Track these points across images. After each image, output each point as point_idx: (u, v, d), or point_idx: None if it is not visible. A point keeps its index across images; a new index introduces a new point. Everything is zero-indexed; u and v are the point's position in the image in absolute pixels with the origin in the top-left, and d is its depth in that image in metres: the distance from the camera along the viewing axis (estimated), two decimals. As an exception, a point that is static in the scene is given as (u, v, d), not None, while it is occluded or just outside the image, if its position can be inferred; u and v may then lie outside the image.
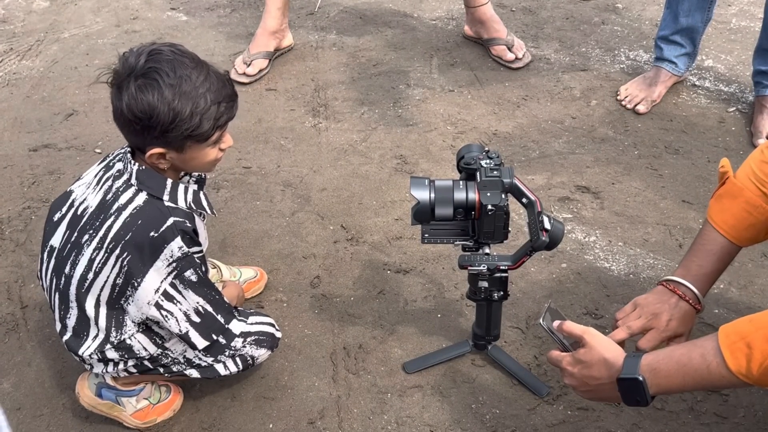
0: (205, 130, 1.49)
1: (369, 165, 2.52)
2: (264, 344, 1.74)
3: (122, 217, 1.53)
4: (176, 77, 1.45)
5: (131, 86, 1.44)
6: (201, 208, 1.62)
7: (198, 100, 1.46)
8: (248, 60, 2.95)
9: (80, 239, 1.58)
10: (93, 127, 2.76)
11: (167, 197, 1.55)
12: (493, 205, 1.52)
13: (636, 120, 2.64)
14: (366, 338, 1.95)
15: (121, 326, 1.61)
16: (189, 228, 1.55)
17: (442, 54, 3.07)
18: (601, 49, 3.03)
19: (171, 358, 1.69)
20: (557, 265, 2.13)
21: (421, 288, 2.08)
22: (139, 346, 1.64)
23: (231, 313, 1.68)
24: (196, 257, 1.57)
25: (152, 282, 1.54)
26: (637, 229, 2.23)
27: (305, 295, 2.08)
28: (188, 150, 1.52)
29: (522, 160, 2.51)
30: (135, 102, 1.44)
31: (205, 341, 1.63)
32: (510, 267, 1.63)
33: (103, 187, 1.58)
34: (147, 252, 1.52)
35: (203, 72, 1.49)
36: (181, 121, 1.46)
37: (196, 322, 1.61)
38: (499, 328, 1.81)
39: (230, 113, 1.55)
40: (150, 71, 1.44)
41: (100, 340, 1.63)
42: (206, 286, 1.61)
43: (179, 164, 1.56)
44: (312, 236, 2.26)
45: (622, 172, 2.44)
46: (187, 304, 1.58)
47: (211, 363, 1.70)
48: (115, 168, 1.59)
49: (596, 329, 1.92)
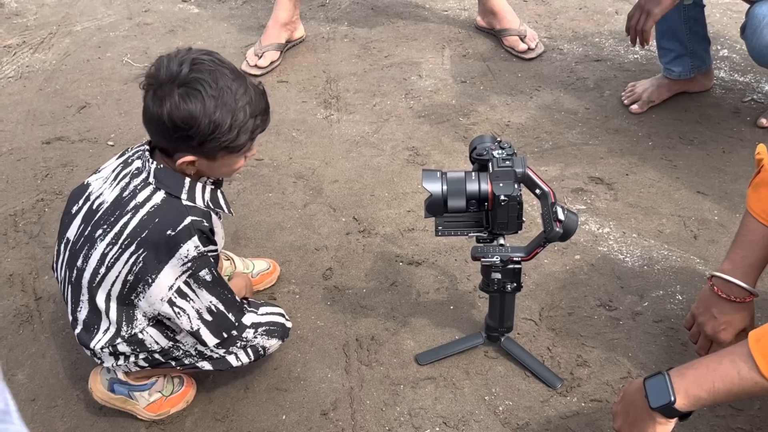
0: (242, 142, 1.51)
1: (381, 157, 2.52)
2: (275, 334, 1.75)
3: (139, 214, 1.54)
4: (218, 89, 1.45)
5: (174, 95, 1.43)
6: (218, 207, 1.62)
7: (237, 113, 1.47)
8: (260, 52, 2.95)
9: (94, 233, 1.59)
10: (106, 119, 2.77)
11: (185, 196, 1.56)
12: (506, 195, 1.51)
13: (650, 111, 2.61)
14: (378, 330, 1.95)
15: (132, 320, 1.62)
16: (206, 227, 1.56)
17: (454, 45, 3.05)
18: (614, 39, 3.01)
19: (182, 351, 1.69)
20: (571, 257, 2.12)
21: (434, 280, 2.07)
22: (151, 339, 1.64)
23: (242, 311, 1.69)
24: (210, 256, 1.58)
25: (166, 279, 1.54)
26: (652, 220, 2.22)
27: (317, 286, 2.08)
28: (219, 159, 1.53)
29: (535, 151, 2.49)
30: (177, 111, 1.43)
31: (216, 339, 1.64)
32: (523, 258, 1.62)
33: (120, 184, 1.59)
34: (163, 250, 1.53)
35: (243, 84, 1.50)
36: (220, 134, 1.46)
37: (208, 320, 1.61)
38: (512, 319, 1.81)
39: (264, 126, 1.56)
40: (193, 81, 1.44)
41: (111, 333, 1.63)
42: (220, 285, 1.61)
43: (205, 171, 1.58)
44: (324, 228, 2.26)
45: (636, 163, 2.42)
46: (200, 302, 1.59)
47: (223, 354, 1.70)
48: (134, 165, 1.60)
49: (609, 320, 1.92)
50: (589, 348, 1.88)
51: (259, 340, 1.72)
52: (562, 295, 2.01)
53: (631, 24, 2.27)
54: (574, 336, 1.91)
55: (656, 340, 1.89)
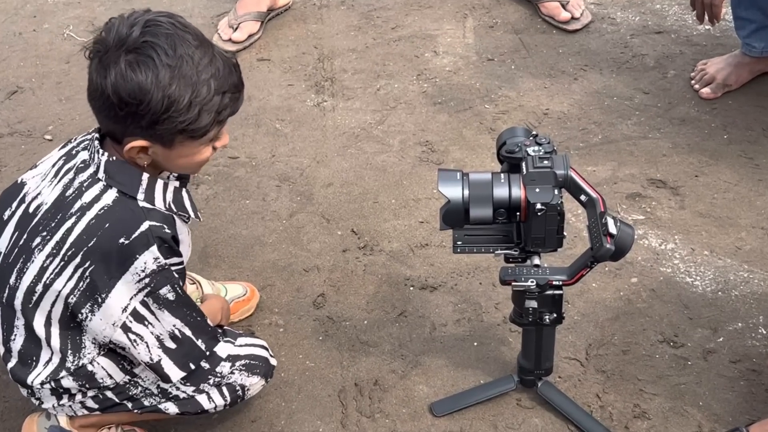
0: (204, 124, 1.50)
1: (387, 154, 2.52)
2: (256, 371, 1.75)
3: (86, 218, 1.54)
4: (176, 57, 1.46)
5: (121, 62, 1.44)
6: (183, 210, 1.63)
7: (199, 87, 1.47)
8: (235, 23, 2.95)
9: (30, 243, 1.59)
10: (42, 107, 2.78)
11: (142, 196, 1.56)
12: (543, 203, 1.51)
13: (726, 96, 2.62)
14: (383, 372, 1.95)
15: (80, 348, 1.62)
16: (168, 234, 1.56)
17: (478, 13, 3.06)
18: (680, 5, 3.01)
19: (141, 388, 1.69)
20: (626, 280, 2.12)
21: (453, 309, 2.08)
22: (103, 372, 1.65)
23: (215, 337, 1.69)
24: (174, 270, 1.58)
25: (119, 299, 1.54)
26: (728, 233, 2.22)
27: (307, 317, 2.08)
28: (177, 146, 1.53)
29: (580, 146, 2.50)
30: (123, 82, 1.44)
31: (181, 372, 1.64)
32: (565, 282, 1.62)
33: (62, 181, 1.59)
34: (114, 262, 1.53)
35: (208, 53, 1.50)
36: (177, 112, 1.47)
37: (171, 348, 1.61)
38: (551, 359, 1.80)
39: (234, 106, 1.56)
40: (145, 46, 1.45)
41: (54, 365, 1.63)
42: (185, 305, 1.62)
43: (162, 162, 1.58)
44: (315, 244, 2.27)
45: (707, 162, 2.42)
46: (160, 326, 1.59)
47: (192, 394, 1.70)
48: (79, 158, 1.60)
49: (675, 360, 1.91)
50: (649, 395, 1.87)
51: (237, 376, 1.72)
52: (615, 329, 2.01)
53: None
54: (630, 380, 1.90)
55: (734, 385, 1.88)
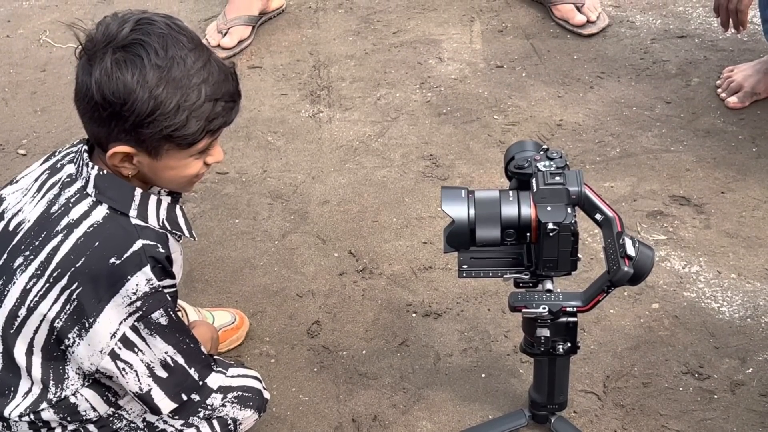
0: (192, 131, 1.51)
1: (387, 169, 2.52)
2: (249, 403, 1.75)
3: (73, 236, 1.55)
4: (166, 58, 1.48)
5: (107, 59, 1.46)
6: (177, 228, 1.64)
7: (189, 91, 1.49)
8: (224, 27, 2.97)
9: (11, 263, 1.59)
10: (16, 119, 2.79)
11: (135, 212, 1.57)
12: (556, 223, 1.51)
13: (754, 105, 2.62)
14: (383, 407, 1.95)
15: (63, 379, 1.62)
16: (162, 254, 1.57)
17: (486, 16, 3.07)
18: (705, 7, 3.02)
19: (126, 422, 1.69)
20: (646, 306, 2.11)
21: (459, 337, 2.07)
22: (86, 405, 1.65)
23: (208, 366, 1.69)
24: (167, 293, 1.59)
25: (108, 324, 1.55)
26: (757, 255, 2.21)
27: (300, 347, 2.08)
28: (164, 156, 1.54)
29: (597, 161, 2.50)
30: (108, 80, 1.46)
31: (172, 403, 1.64)
32: (580, 309, 1.62)
33: (46, 196, 1.60)
34: (104, 284, 1.53)
35: (202, 57, 1.53)
36: (162, 115, 1.48)
37: (162, 377, 1.61)
38: (565, 392, 1.80)
39: (228, 117, 1.57)
40: (134, 44, 1.47)
41: (34, 396, 1.63)
42: (178, 331, 1.62)
43: (148, 174, 1.58)
44: (310, 266, 2.26)
45: (735, 177, 2.42)
46: (151, 354, 1.59)
47: (181, 428, 1.70)
48: (65, 171, 1.61)
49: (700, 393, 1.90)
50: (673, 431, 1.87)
51: (229, 409, 1.72)
52: (635, 359, 2.00)
53: (721, 1, 2.26)
54: (651, 415, 1.90)
55: (764, 420, 1.87)
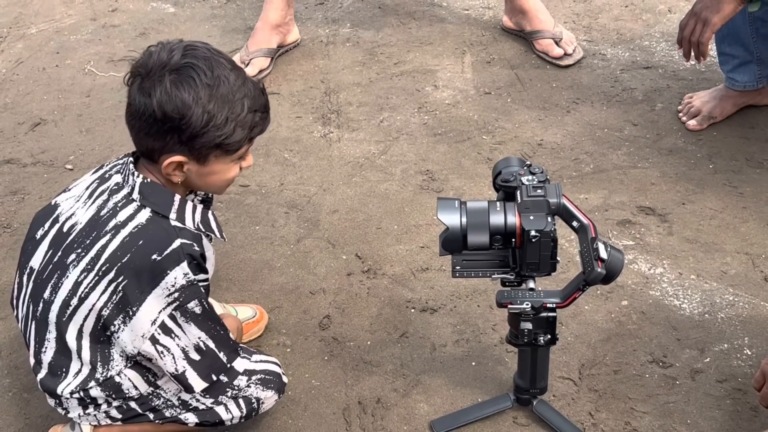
0: (238, 139, 1.56)
1: (389, 182, 2.53)
2: (270, 385, 1.77)
3: (120, 236, 1.57)
4: (213, 77, 1.52)
5: (165, 81, 1.50)
6: (209, 230, 1.67)
7: (234, 105, 1.54)
8: (247, 59, 2.97)
9: (65, 259, 1.61)
10: (64, 138, 2.79)
11: (174, 215, 1.60)
12: (538, 230, 1.52)
13: (711, 127, 2.62)
14: (385, 391, 1.95)
15: (108, 361, 1.64)
16: (197, 252, 1.60)
17: (476, 49, 3.08)
18: (667, 42, 3.02)
19: (163, 399, 1.70)
20: (616, 303, 2.11)
21: (452, 330, 2.07)
22: (129, 384, 1.66)
23: (236, 351, 1.71)
24: (201, 286, 1.61)
25: (149, 312, 1.57)
26: (714, 258, 2.21)
27: (313, 338, 2.08)
28: (211, 162, 1.58)
29: (573, 175, 2.50)
30: (168, 99, 1.49)
31: (204, 382, 1.66)
32: (559, 305, 1.62)
33: (96, 202, 1.62)
34: (146, 277, 1.56)
35: (241, 76, 1.57)
36: (215, 127, 1.52)
37: (195, 360, 1.63)
38: (546, 378, 1.80)
39: (263, 125, 1.62)
40: (185, 67, 1.51)
41: (83, 376, 1.65)
42: (210, 319, 1.64)
43: (194, 179, 1.62)
44: (321, 268, 2.27)
45: (694, 190, 2.42)
46: (186, 339, 1.61)
47: (211, 405, 1.71)
48: (113, 181, 1.63)
49: (664, 380, 1.90)
50: (640, 413, 1.86)
51: (253, 390, 1.74)
52: (607, 349, 2.00)
53: (684, 35, 2.26)
54: (621, 398, 1.90)
55: (720, 403, 1.87)
